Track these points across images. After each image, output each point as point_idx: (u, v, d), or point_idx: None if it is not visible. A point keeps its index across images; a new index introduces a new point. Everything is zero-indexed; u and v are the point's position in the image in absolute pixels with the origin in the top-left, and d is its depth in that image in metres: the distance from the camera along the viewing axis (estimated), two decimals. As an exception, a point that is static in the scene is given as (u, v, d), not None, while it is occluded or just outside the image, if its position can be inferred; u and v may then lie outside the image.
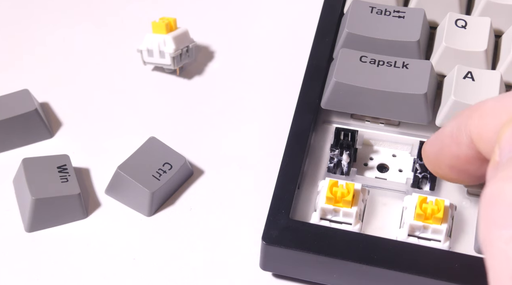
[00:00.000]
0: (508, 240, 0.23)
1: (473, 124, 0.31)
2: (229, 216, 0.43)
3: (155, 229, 0.42)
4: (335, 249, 0.37)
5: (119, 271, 0.40)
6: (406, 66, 0.41)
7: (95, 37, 0.52)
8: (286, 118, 0.44)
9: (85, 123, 0.47)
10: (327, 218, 0.39)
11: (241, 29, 0.52)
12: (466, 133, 0.32)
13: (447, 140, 0.33)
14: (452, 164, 0.34)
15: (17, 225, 0.42)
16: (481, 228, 0.24)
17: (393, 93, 0.40)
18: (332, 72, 0.41)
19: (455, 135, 0.33)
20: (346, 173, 0.41)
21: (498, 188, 0.24)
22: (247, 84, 0.49)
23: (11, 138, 0.45)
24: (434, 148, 0.35)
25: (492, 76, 0.41)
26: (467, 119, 0.31)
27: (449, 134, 0.33)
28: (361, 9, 0.44)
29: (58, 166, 0.43)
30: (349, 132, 0.41)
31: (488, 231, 0.24)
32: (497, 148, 0.26)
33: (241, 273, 0.40)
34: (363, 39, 0.43)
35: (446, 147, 0.34)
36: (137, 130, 0.46)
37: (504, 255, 0.23)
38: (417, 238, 0.38)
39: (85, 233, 0.42)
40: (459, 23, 0.43)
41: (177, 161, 0.43)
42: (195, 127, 0.47)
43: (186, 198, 0.44)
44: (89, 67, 0.50)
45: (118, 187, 0.43)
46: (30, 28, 0.52)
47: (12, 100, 0.45)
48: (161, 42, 0.47)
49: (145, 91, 0.49)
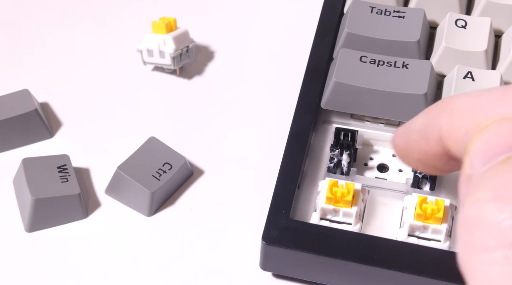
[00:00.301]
0: (490, 262, 0.23)
1: (443, 122, 0.29)
2: (229, 216, 0.43)
3: (155, 229, 0.42)
4: (335, 249, 0.37)
5: (119, 271, 0.40)
6: (406, 66, 0.41)
7: (95, 37, 0.52)
8: (286, 118, 0.44)
9: (85, 123, 0.47)
10: (327, 218, 0.39)
11: (241, 29, 0.52)
12: (435, 130, 0.31)
13: (415, 136, 0.33)
14: (419, 158, 0.33)
15: (17, 225, 0.42)
16: (461, 251, 0.24)
17: (393, 93, 0.40)
18: (332, 72, 0.41)
19: (423, 131, 0.32)
20: (346, 173, 0.41)
21: (475, 210, 0.24)
22: (247, 84, 0.49)
23: (11, 138, 0.45)
24: (402, 141, 0.34)
25: (492, 76, 0.41)
26: (436, 116, 0.30)
27: (418, 129, 0.33)
28: (361, 9, 0.44)
29: (58, 166, 0.43)
30: (349, 132, 0.41)
31: (468, 254, 0.24)
32: (468, 159, 0.25)
33: (241, 273, 0.40)
34: (363, 39, 0.43)
35: (414, 142, 0.33)
36: (137, 130, 0.46)
37: (486, 277, 0.23)
38: (417, 238, 0.38)
39: (85, 233, 0.42)
40: (459, 23, 0.43)
41: (177, 161, 0.43)
42: (195, 127, 0.47)
43: (186, 198, 0.44)
44: (89, 67, 0.50)
45: (118, 187, 0.43)
46: (30, 28, 0.52)
47: (12, 100, 0.45)
48: (161, 42, 0.47)
49: (145, 91, 0.49)
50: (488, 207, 0.23)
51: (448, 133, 0.29)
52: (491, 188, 0.23)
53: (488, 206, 0.23)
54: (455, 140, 0.29)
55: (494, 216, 0.23)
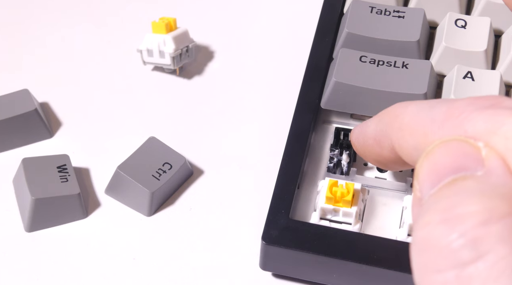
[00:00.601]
0: (443, 283, 0.23)
1: (393, 135, 0.30)
2: (229, 216, 0.43)
3: (155, 229, 0.42)
4: (335, 249, 0.37)
5: (119, 271, 0.40)
6: (406, 66, 0.41)
7: (95, 37, 0.52)
8: (286, 118, 0.44)
9: (85, 123, 0.47)
10: (327, 218, 0.39)
11: (241, 29, 0.52)
12: (387, 139, 0.31)
13: (370, 141, 0.34)
14: (376, 160, 0.34)
15: (17, 225, 0.42)
16: (415, 273, 0.25)
17: (393, 93, 0.40)
18: (332, 72, 0.41)
19: (377, 138, 0.33)
20: (346, 173, 0.41)
21: (426, 233, 0.24)
22: (247, 84, 0.49)
23: (11, 138, 0.45)
24: (358, 142, 0.35)
25: (492, 76, 0.41)
26: (389, 125, 0.31)
27: (372, 136, 0.33)
28: (361, 9, 0.44)
29: (58, 166, 0.43)
30: (349, 132, 0.41)
31: (422, 276, 0.24)
32: (416, 183, 0.26)
33: (241, 273, 0.40)
34: (363, 39, 0.43)
35: (369, 146, 0.34)
36: (137, 130, 0.46)
37: None
38: (417, 238, 0.38)
39: (85, 233, 0.42)
40: (459, 23, 0.43)
41: (177, 161, 0.43)
42: (195, 127, 0.47)
43: (186, 198, 0.44)
44: (89, 67, 0.50)
45: (118, 187, 0.43)
46: (30, 28, 0.52)
47: (12, 100, 0.45)
48: (161, 42, 0.47)
49: (145, 91, 0.49)
50: (437, 230, 0.24)
51: (399, 146, 0.30)
52: (439, 211, 0.24)
53: (437, 229, 0.24)
54: (406, 153, 0.30)
55: (444, 238, 0.24)
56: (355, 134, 0.36)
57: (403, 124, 0.29)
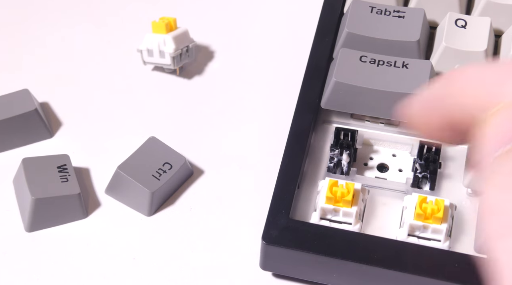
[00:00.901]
0: None
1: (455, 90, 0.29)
2: (229, 216, 0.43)
3: (155, 229, 0.42)
4: (335, 249, 0.37)
5: (119, 271, 0.40)
6: (406, 66, 0.41)
7: (95, 37, 0.52)
8: (286, 118, 0.44)
9: (85, 123, 0.47)
10: (327, 218, 0.39)
11: (241, 29, 0.52)
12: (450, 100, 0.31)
13: (435, 102, 0.32)
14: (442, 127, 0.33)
15: (17, 225, 0.42)
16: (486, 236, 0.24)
17: (393, 93, 0.40)
18: (332, 72, 0.41)
19: (442, 98, 0.32)
20: (346, 173, 0.41)
21: (493, 197, 0.24)
22: (247, 84, 0.49)
23: (11, 138, 0.45)
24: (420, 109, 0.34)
25: (492, 76, 0.41)
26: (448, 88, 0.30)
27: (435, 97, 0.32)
28: (361, 9, 0.44)
29: (58, 166, 0.43)
30: (349, 132, 0.41)
31: (491, 239, 0.24)
32: (481, 143, 0.26)
33: (241, 273, 0.40)
34: (363, 39, 0.43)
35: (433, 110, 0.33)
36: (137, 130, 0.46)
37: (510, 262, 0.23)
38: (417, 238, 0.38)
39: (85, 233, 0.42)
40: (459, 23, 0.43)
41: (177, 161, 0.43)
42: (195, 127, 0.47)
43: (186, 198, 0.44)
44: (89, 67, 0.50)
45: (118, 187, 0.43)
46: (30, 28, 0.52)
47: (12, 100, 0.45)
48: (161, 42, 0.47)
49: (145, 91, 0.49)
50: (503, 195, 0.23)
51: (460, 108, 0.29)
52: (504, 175, 0.24)
53: (502, 193, 0.23)
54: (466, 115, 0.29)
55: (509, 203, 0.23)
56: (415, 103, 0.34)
57: (466, 83, 0.29)
